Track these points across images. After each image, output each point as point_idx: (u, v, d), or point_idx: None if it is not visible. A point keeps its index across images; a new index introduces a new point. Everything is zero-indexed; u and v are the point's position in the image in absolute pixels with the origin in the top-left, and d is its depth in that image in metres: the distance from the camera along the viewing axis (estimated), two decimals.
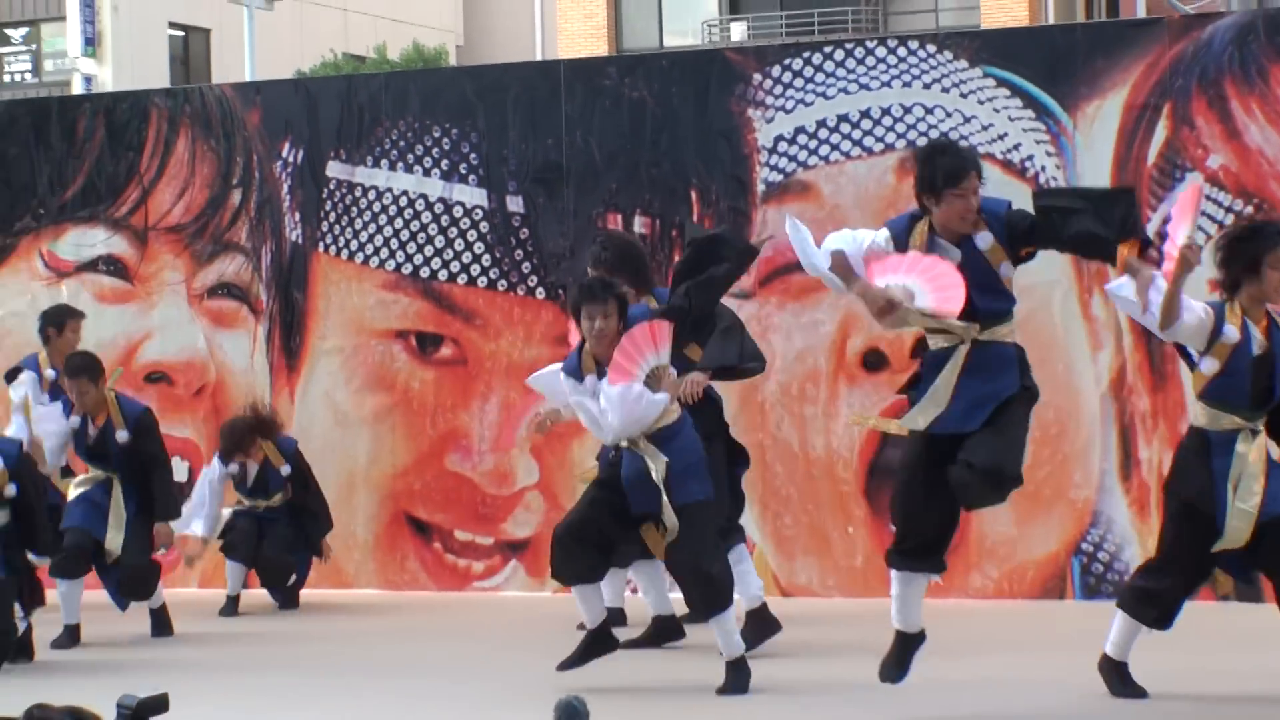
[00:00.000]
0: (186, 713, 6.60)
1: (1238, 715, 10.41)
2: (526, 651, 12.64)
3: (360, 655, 13.19)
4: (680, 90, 15.84)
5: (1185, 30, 15.02)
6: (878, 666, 10.47)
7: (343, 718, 11.08)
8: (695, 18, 49.60)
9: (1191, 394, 13.95)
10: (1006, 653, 12.21)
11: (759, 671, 11.02)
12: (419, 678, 12.19)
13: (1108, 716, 10.27)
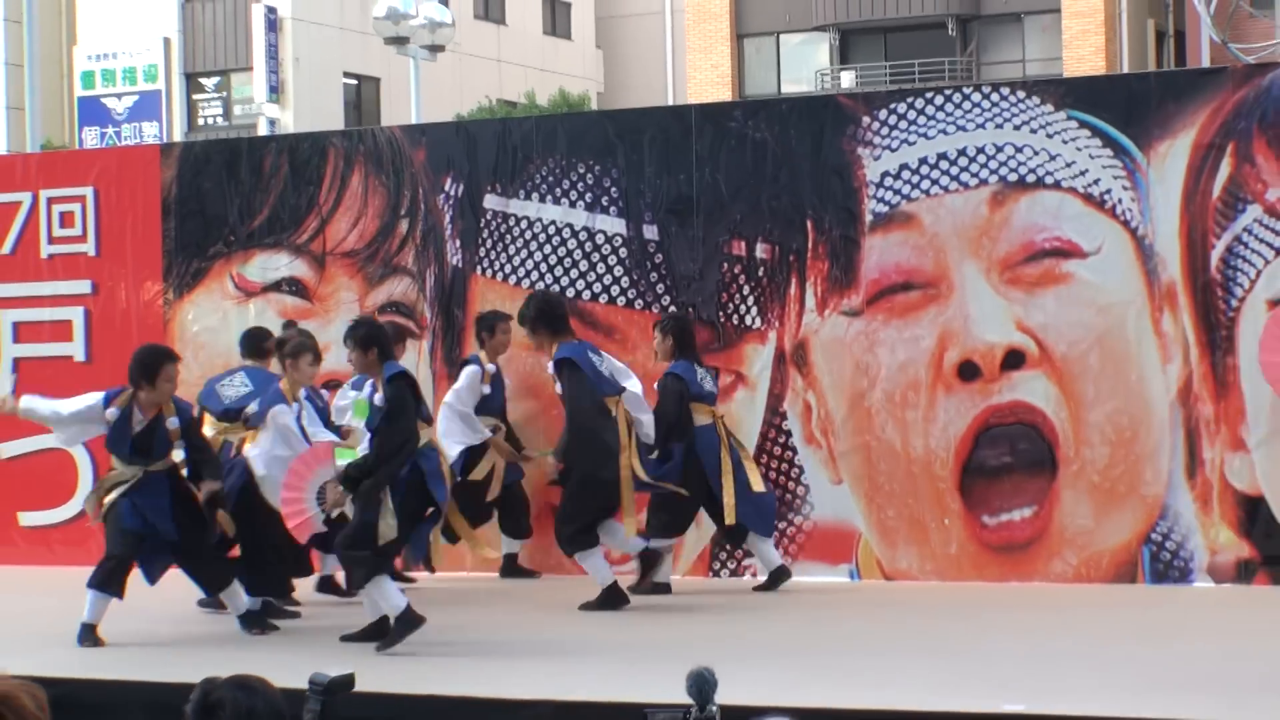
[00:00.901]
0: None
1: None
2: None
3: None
4: (797, 131, 15.85)
5: (1247, 78, 14.98)
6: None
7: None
8: (810, 67, 49.56)
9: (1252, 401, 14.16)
10: (1088, 629, 12.29)
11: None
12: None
13: (1182, 684, 10.33)
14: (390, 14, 36.08)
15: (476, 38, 52.68)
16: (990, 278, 15.01)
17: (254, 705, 4.92)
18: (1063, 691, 10.10)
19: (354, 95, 50.67)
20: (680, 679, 6.22)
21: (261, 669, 5.25)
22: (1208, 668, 10.71)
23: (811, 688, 10.30)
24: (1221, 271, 14.55)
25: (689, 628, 13.08)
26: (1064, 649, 11.61)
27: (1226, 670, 10.65)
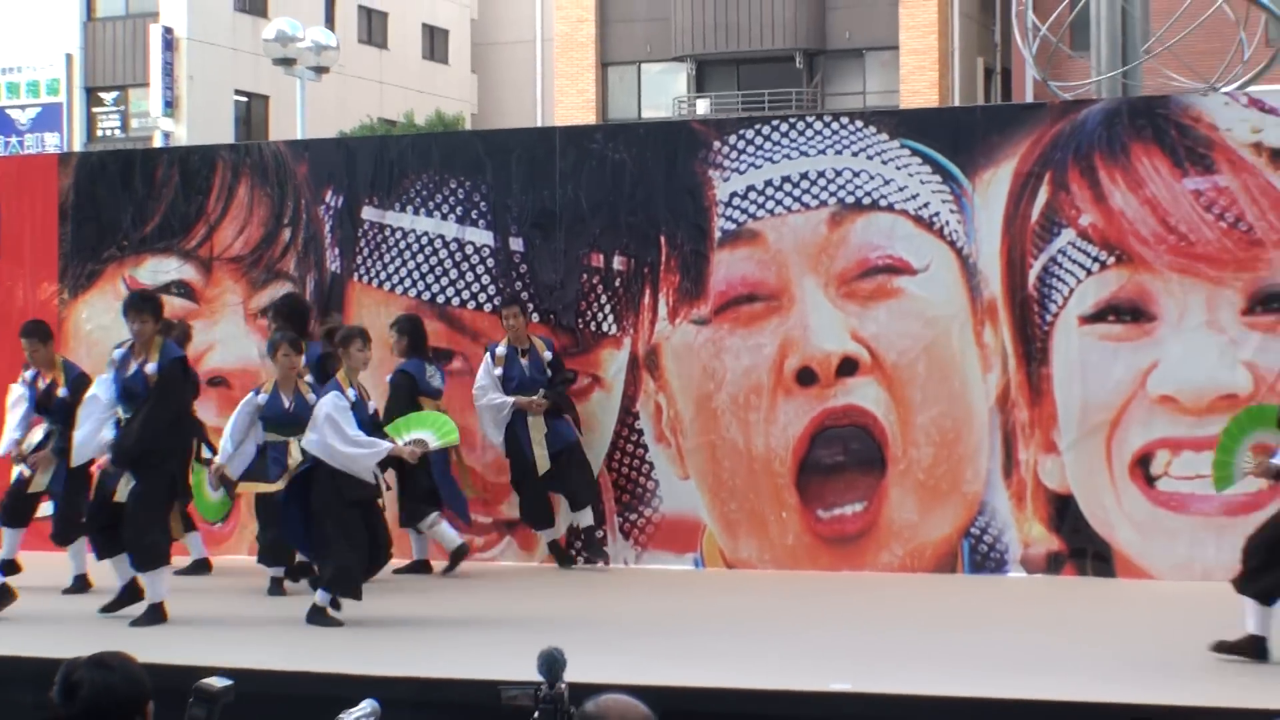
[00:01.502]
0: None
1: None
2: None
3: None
4: (653, 153, 15.86)
5: (1064, 113, 15.09)
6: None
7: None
8: (668, 94, 49.62)
9: (1063, 407, 14.31)
10: (911, 615, 12.37)
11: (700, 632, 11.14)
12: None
13: (1003, 665, 10.47)
14: (279, 36, 35.89)
15: (360, 60, 52.50)
16: (828, 291, 15.09)
17: (112, 683, 4.85)
18: (887, 672, 10.17)
19: (244, 112, 50.35)
20: (532, 658, 6.23)
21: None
22: (1019, 650, 10.81)
23: (656, 667, 10.30)
24: (1038, 289, 14.68)
25: (542, 610, 13.08)
26: (889, 633, 11.69)
27: (1036, 652, 10.76)
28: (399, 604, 13.47)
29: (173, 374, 12.58)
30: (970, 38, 48.03)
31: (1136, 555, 13.85)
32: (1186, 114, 14.55)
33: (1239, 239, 14.23)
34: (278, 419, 13.74)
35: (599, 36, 50.15)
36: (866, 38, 47.96)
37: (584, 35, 50.10)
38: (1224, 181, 14.30)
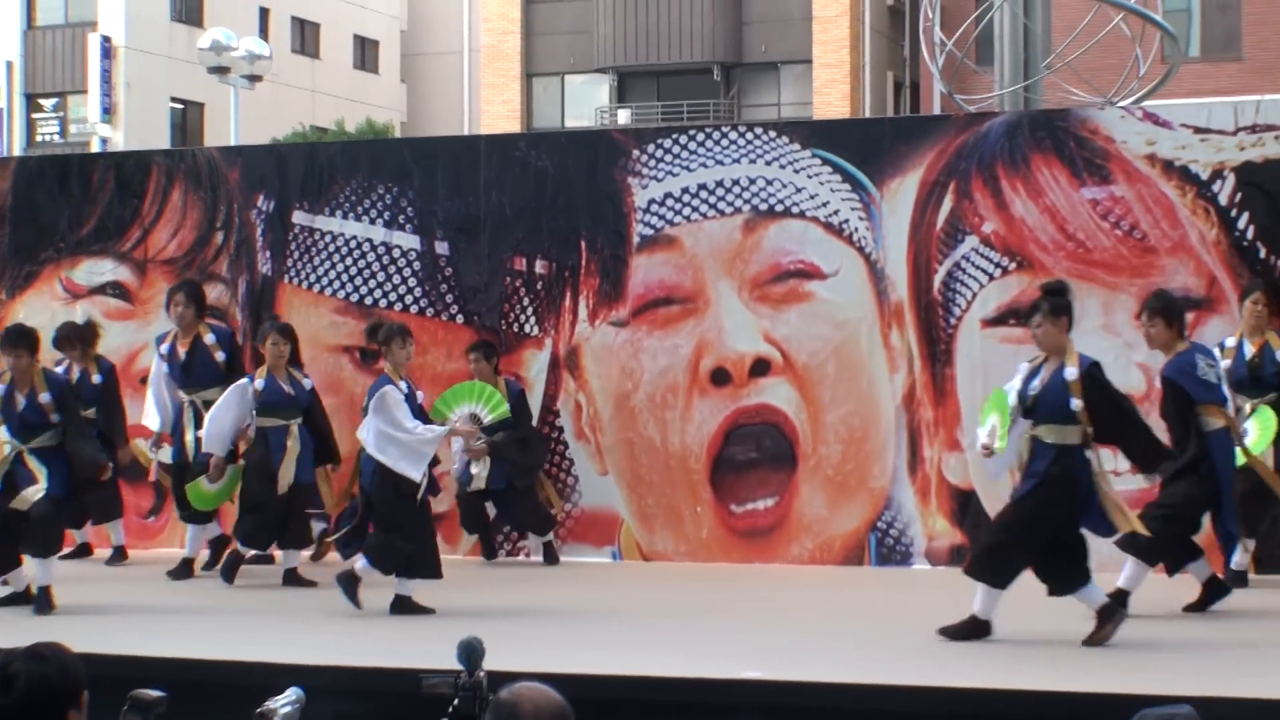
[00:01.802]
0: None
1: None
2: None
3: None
4: (575, 161, 15.87)
5: (968, 125, 15.21)
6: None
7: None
8: (591, 105, 49.61)
9: (966, 407, 14.36)
10: (820, 605, 12.39)
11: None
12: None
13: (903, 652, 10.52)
14: (214, 46, 35.78)
15: (292, 69, 52.28)
16: (742, 295, 15.12)
17: (46, 673, 4.79)
18: (796, 660, 10.19)
19: (180, 118, 50.07)
20: (452, 647, 6.22)
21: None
22: (923, 638, 10.83)
23: (573, 655, 10.32)
24: (942, 293, 14.76)
25: (462, 601, 13.04)
26: (798, 622, 11.72)
27: (936, 640, 10.80)
28: (324, 596, 13.42)
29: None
30: (881, 53, 48.19)
31: None
32: (1084, 127, 14.65)
33: (1133, 246, 14.33)
34: (277, 403, 13.82)
35: (524, 48, 50.10)
36: (781, 52, 48.05)
37: (509, 47, 50.04)
38: (1119, 191, 14.40)
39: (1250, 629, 11.42)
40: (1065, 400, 10.63)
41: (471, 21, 54.26)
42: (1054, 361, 10.79)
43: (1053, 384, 10.69)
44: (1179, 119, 14.54)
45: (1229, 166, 14.25)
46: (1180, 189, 14.32)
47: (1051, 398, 10.67)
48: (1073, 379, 10.64)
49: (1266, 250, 14.14)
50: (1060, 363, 10.74)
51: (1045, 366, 10.84)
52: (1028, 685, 9.31)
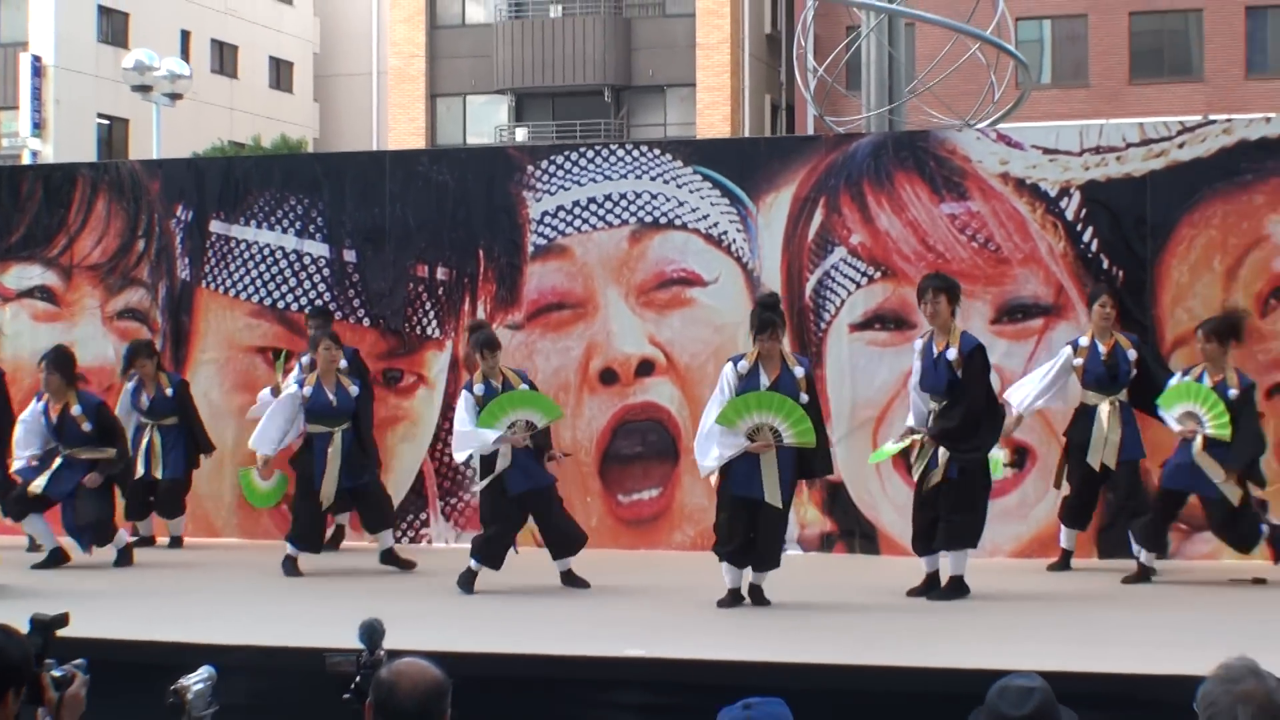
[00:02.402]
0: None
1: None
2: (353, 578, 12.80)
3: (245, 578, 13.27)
4: (473, 176, 15.81)
5: (837, 145, 15.26)
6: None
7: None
8: (491, 124, 49.52)
9: (835, 405, 14.41)
10: (699, 588, 12.38)
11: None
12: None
13: (767, 631, 10.53)
14: (137, 65, 35.43)
15: (211, 88, 51.84)
16: (628, 300, 15.14)
17: None
18: (677, 639, 10.20)
19: (106, 133, 49.52)
20: (355, 628, 6.17)
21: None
22: (792, 618, 10.90)
23: (469, 636, 10.28)
24: (813, 300, 14.81)
25: (366, 585, 13.00)
26: (679, 604, 11.71)
27: (808, 619, 10.84)
28: (240, 578, 13.35)
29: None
30: (759, 77, 48.34)
31: (898, 535, 13.92)
32: (944, 147, 14.74)
33: (988, 257, 14.44)
34: (322, 410, 13.48)
35: (429, 71, 49.96)
36: (667, 76, 48.14)
37: (415, 69, 49.89)
38: (976, 207, 14.50)
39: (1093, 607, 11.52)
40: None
41: (380, 45, 54.04)
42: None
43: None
44: (1030, 141, 14.66)
45: (1075, 185, 14.37)
46: (1031, 205, 14.43)
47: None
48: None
49: (1108, 261, 14.27)
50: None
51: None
52: (889, 661, 9.35)
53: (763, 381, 11.37)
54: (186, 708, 6.32)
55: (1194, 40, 44.70)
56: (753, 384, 11.38)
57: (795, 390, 11.39)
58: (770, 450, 11.25)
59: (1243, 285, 14.08)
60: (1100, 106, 41.63)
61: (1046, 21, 44.84)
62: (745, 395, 11.29)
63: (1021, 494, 14.34)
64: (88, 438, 13.84)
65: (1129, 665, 8.97)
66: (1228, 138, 14.25)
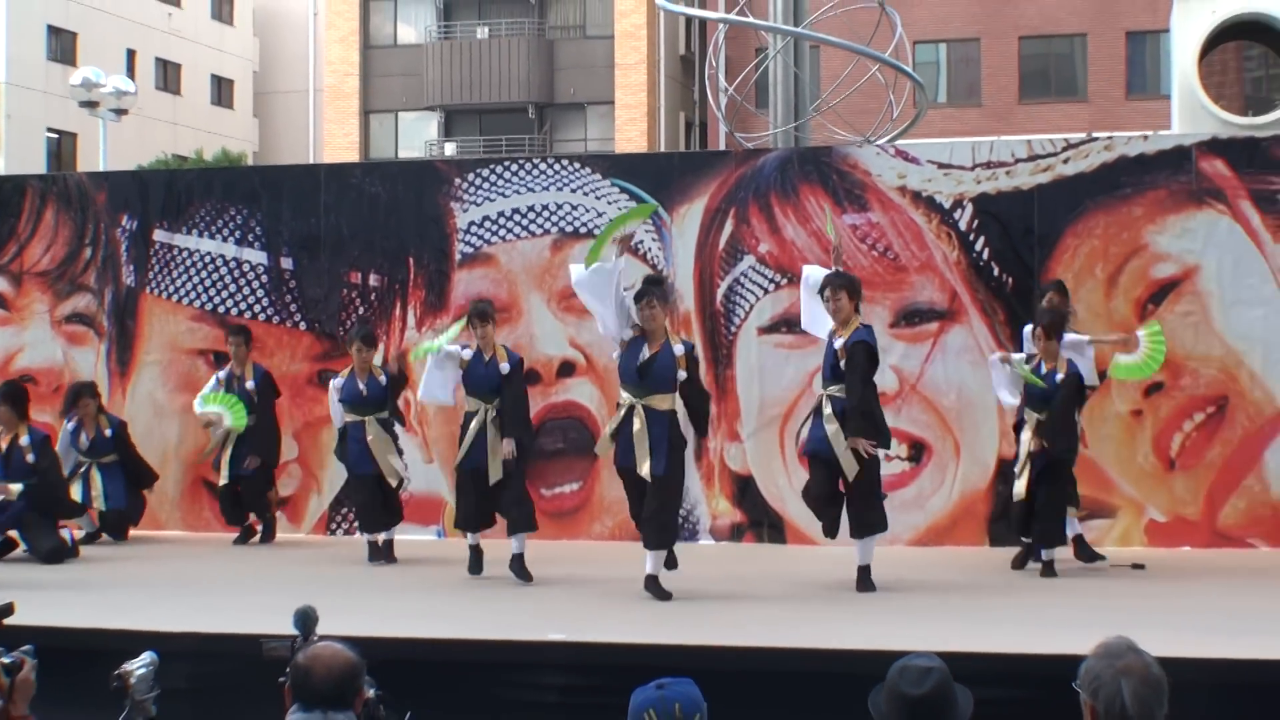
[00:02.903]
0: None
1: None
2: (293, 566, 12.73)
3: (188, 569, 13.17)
4: (404, 188, 15.78)
5: (746, 160, 15.30)
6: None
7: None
8: (421, 138, 49.37)
9: (745, 404, 14.43)
10: (617, 575, 12.38)
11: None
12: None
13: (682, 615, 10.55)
14: (85, 83, 35.11)
15: (156, 104, 51.43)
16: (550, 305, 15.13)
17: None
18: (595, 623, 10.19)
19: (55, 147, 48.99)
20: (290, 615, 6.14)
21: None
22: (703, 604, 10.89)
23: (398, 622, 10.23)
24: (724, 305, 14.84)
25: (302, 574, 12.94)
26: (599, 591, 11.70)
27: (718, 606, 10.85)
28: (182, 569, 13.26)
29: None
30: (674, 96, 48.39)
31: (804, 525, 13.97)
32: (845, 162, 14.80)
33: (887, 265, 14.51)
34: (353, 400, 13.50)
35: (362, 88, 49.79)
36: (588, 94, 48.13)
37: (349, 87, 49.70)
38: (875, 218, 14.57)
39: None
40: None
41: (316, 64, 53.76)
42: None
43: None
44: (926, 156, 14.74)
45: (968, 197, 14.46)
46: (926, 216, 14.51)
47: None
48: None
49: (999, 269, 14.37)
50: None
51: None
52: (794, 644, 9.37)
53: (644, 353, 11.19)
54: (130, 691, 6.28)
55: (1078, 63, 45.05)
56: (635, 352, 11.22)
57: (673, 366, 11.15)
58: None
59: (1123, 291, 14.21)
60: (992, 124, 41.91)
61: (942, 45, 45.10)
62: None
63: (919, 486, 14.41)
64: (30, 469, 13.79)
65: (1018, 646, 9.02)
66: (1109, 154, 14.38)
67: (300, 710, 4.78)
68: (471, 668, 9.24)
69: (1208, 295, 14.10)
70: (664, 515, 11.19)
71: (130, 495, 15.25)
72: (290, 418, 15.58)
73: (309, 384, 15.65)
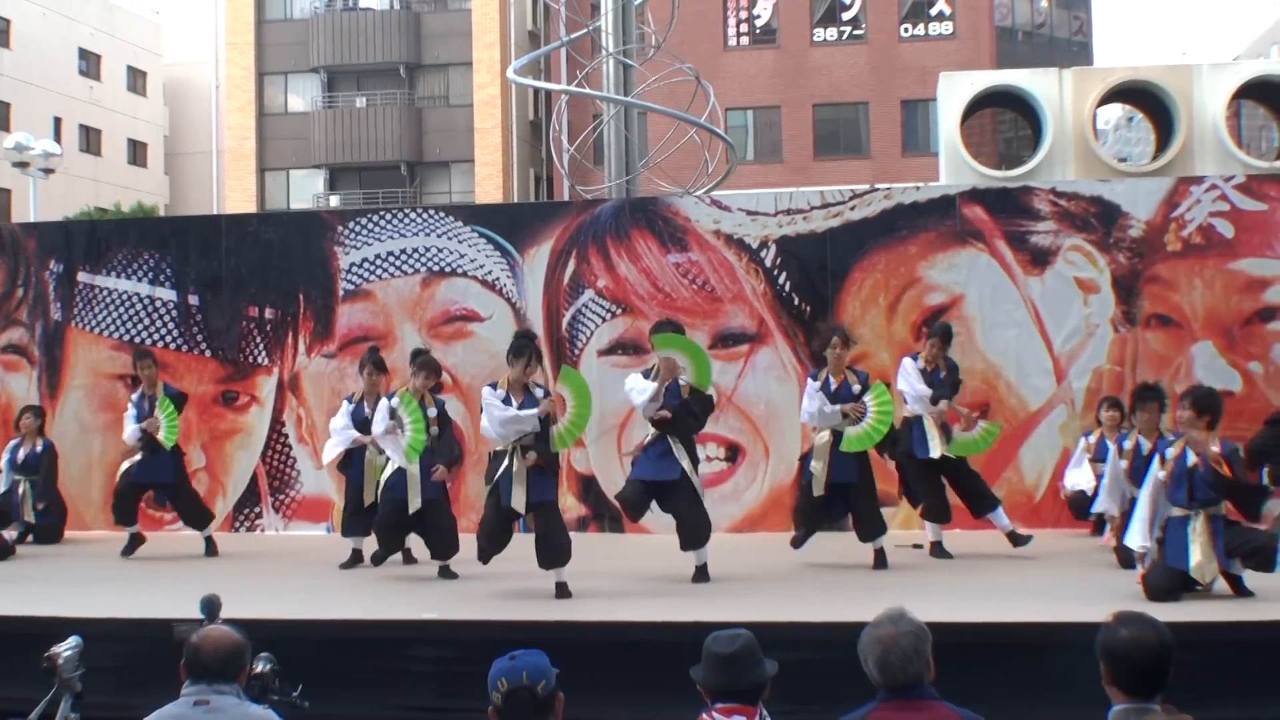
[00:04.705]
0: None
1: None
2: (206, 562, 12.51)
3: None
4: (294, 234, 15.62)
5: (585, 208, 15.30)
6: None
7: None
8: (310, 192, 48.81)
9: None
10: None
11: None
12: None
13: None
14: (17, 145, 34.33)
15: (80, 164, 50.43)
16: (421, 333, 15.03)
17: None
18: (464, 603, 10.14)
19: None
20: (197, 602, 6.05)
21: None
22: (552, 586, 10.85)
23: (296, 604, 10.11)
24: (569, 332, 14.83)
25: (208, 566, 12.74)
26: (464, 576, 11.61)
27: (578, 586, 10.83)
28: (105, 564, 12.99)
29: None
30: (525, 154, 48.34)
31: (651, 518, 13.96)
32: (669, 210, 14.88)
33: (706, 297, 14.59)
34: (362, 425, 12.42)
35: (258, 150, 49.22)
36: (452, 153, 47.95)
37: (247, 149, 49.10)
38: (695, 257, 14.66)
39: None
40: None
41: (218, 129, 53.03)
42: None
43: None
44: (736, 204, 14.86)
45: (771, 239, 14.59)
46: (738, 255, 14.62)
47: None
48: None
49: (799, 299, 14.51)
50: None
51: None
52: (628, 618, 9.37)
53: (512, 406, 10.42)
54: (58, 670, 6.14)
55: (863, 126, 45.63)
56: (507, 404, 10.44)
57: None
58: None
59: (901, 316, 14.41)
60: (791, 178, 42.32)
61: (749, 111, 45.46)
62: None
63: (735, 482, 14.49)
64: None
65: (820, 616, 9.10)
66: (888, 202, 14.58)
67: (191, 683, 4.78)
68: (357, 644, 9.14)
69: (971, 319, 14.33)
70: (549, 542, 10.57)
71: (57, 509, 14.88)
72: (198, 431, 15.34)
73: (214, 403, 15.43)
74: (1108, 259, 14.23)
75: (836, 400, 11.63)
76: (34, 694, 6.40)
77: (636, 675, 8.53)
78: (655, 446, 11.11)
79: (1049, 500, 14.07)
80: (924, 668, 4.37)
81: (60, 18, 51.32)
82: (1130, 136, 60.44)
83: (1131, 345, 14.21)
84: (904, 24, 45.33)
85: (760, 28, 46.07)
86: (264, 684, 5.70)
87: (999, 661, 8.17)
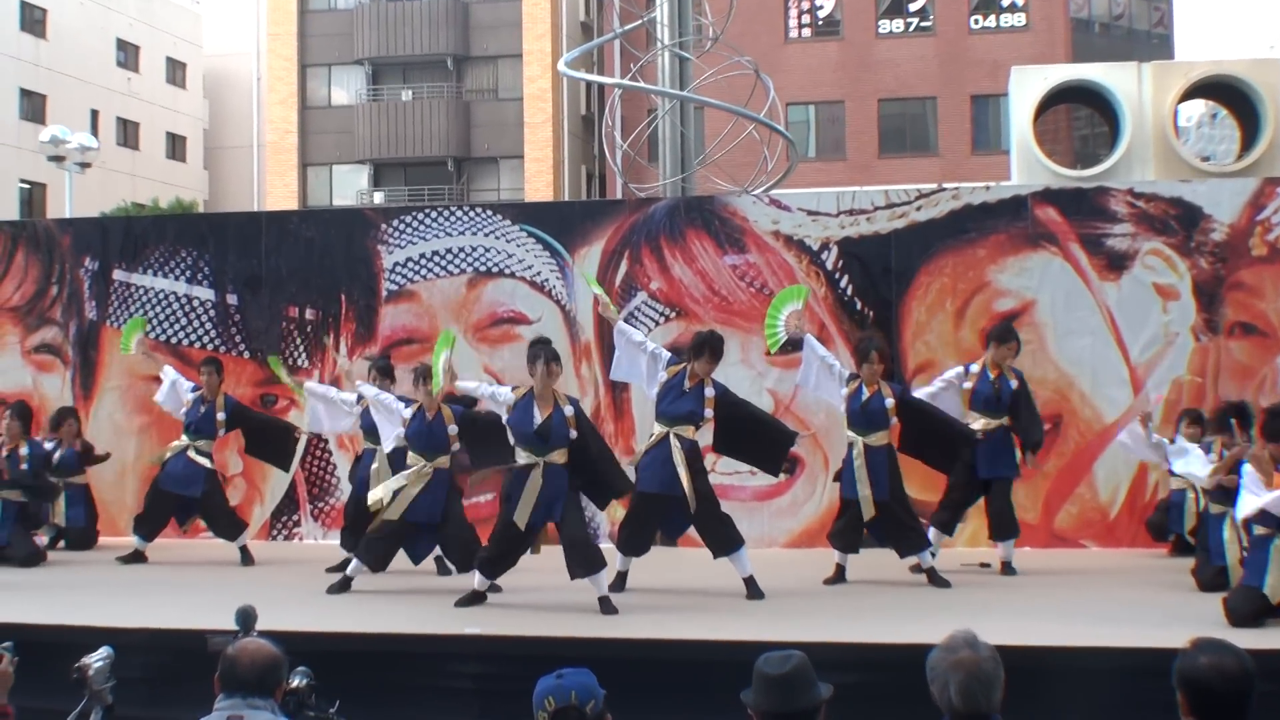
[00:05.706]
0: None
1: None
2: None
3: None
4: (336, 232, 15.74)
5: (639, 207, 15.33)
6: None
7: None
8: (353, 188, 49.05)
9: (639, 422, 14.41)
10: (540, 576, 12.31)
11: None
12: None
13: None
14: (52, 139, 34.71)
15: (117, 158, 50.89)
16: (467, 336, 15.06)
17: None
18: (506, 620, 10.14)
19: (27, 196, 48.28)
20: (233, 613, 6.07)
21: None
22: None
23: (334, 617, 10.14)
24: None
25: (244, 575, 12.79)
26: (509, 590, 11.61)
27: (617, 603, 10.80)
28: (137, 571, 13.07)
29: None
30: (576, 150, 48.42)
31: (691, 530, 13.95)
32: (726, 209, 14.86)
33: (764, 300, 14.51)
34: (369, 430, 12.65)
35: (300, 144, 49.46)
36: (500, 149, 48.05)
37: (289, 143, 49.36)
38: (753, 259, 14.63)
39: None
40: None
41: (259, 123, 53.39)
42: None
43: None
44: (797, 204, 14.82)
45: (833, 240, 14.55)
46: (798, 257, 14.58)
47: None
48: None
49: (861, 303, 14.46)
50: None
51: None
52: (680, 636, 9.36)
53: (535, 417, 10.35)
54: (88, 682, 6.18)
55: (930, 122, 45.46)
56: (525, 417, 10.41)
57: (565, 428, 10.38)
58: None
59: (969, 322, 14.34)
60: (854, 176, 42.21)
61: (811, 106, 45.36)
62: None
63: (793, 495, 14.46)
64: (19, 478, 13.63)
65: (878, 636, 9.05)
66: (956, 202, 14.51)
67: (225, 697, 4.76)
68: (397, 658, 9.16)
69: (1043, 326, 14.25)
70: (573, 556, 10.60)
71: (89, 516, 15.03)
72: (236, 436, 15.40)
73: (251, 406, 15.48)
74: (1188, 264, 14.11)
75: (868, 412, 11.61)
76: (62, 705, 6.44)
77: (683, 696, 8.52)
78: (656, 450, 11.19)
79: (1124, 518, 13.96)
80: (1000, 695, 4.33)
81: (98, 7, 51.80)
82: (1213, 134, 60.00)
83: (1213, 355, 14.08)
84: (974, 15, 45.13)
85: (823, 19, 45.96)
86: (300, 699, 5.72)
87: (1069, 688, 8.10)
